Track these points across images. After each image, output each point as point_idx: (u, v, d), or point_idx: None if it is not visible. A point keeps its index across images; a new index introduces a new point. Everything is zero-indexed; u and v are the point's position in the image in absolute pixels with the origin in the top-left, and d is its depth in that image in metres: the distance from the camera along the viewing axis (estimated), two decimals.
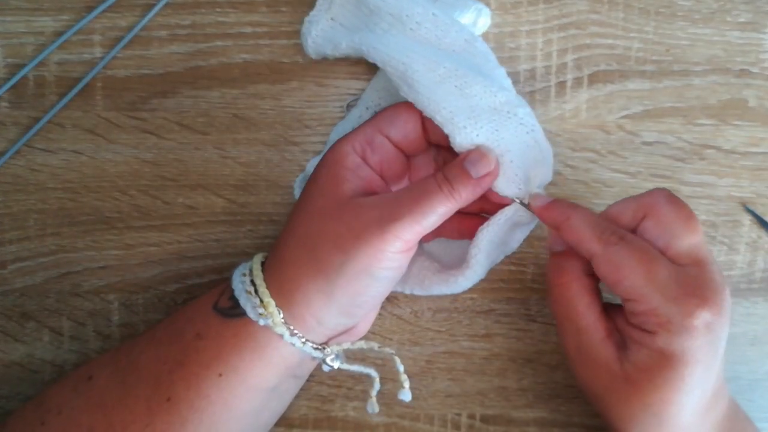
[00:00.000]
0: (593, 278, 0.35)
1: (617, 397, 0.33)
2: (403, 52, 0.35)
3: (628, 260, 0.32)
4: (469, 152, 0.35)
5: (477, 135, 0.35)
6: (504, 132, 0.35)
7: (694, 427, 0.34)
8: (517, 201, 0.36)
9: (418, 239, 0.34)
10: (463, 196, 0.34)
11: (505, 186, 0.36)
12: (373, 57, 0.36)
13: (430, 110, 0.35)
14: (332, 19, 0.39)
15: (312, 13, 0.40)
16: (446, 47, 0.36)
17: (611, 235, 0.33)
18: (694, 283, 0.32)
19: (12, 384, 0.43)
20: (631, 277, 0.32)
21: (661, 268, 0.32)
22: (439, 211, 0.33)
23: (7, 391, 0.43)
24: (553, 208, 0.35)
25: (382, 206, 0.33)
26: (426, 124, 0.37)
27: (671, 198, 0.34)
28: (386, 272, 0.34)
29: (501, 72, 0.37)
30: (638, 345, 0.33)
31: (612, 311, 0.35)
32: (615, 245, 0.33)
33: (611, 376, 0.33)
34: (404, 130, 0.37)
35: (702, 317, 0.31)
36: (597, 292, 0.35)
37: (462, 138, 0.35)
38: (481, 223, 0.37)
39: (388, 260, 0.33)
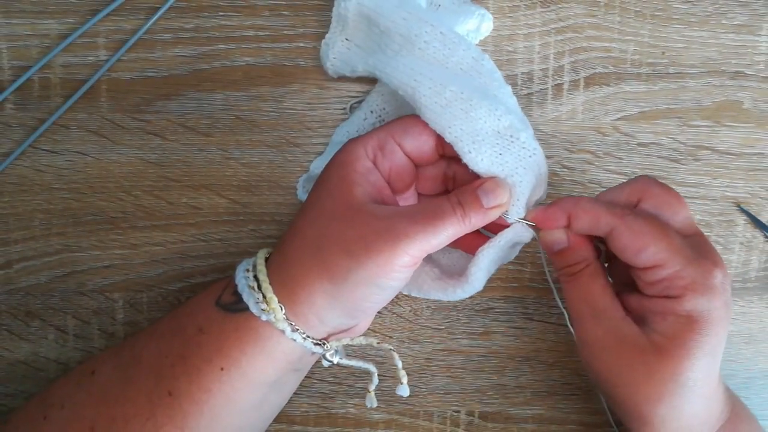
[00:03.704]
0: (601, 264, 0.36)
1: (646, 372, 0.33)
2: (411, 76, 0.36)
3: (648, 228, 0.33)
4: (485, 180, 0.35)
5: (481, 159, 0.35)
6: (507, 156, 0.36)
7: (714, 397, 0.35)
8: (519, 222, 0.36)
9: (425, 255, 0.34)
10: (473, 222, 0.34)
11: (509, 210, 0.36)
12: (386, 81, 0.37)
13: (438, 131, 0.36)
14: (347, 39, 0.40)
15: (328, 36, 0.40)
16: (454, 66, 0.37)
17: (622, 209, 0.34)
18: (702, 247, 0.34)
19: (17, 382, 0.43)
20: (655, 243, 0.33)
21: (676, 235, 0.34)
22: (448, 233, 0.34)
23: (12, 389, 0.43)
24: (556, 204, 0.36)
25: (396, 220, 0.33)
26: (441, 137, 0.37)
27: (658, 181, 0.36)
28: (392, 282, 0.34)
29: (507, 90, 0.37)
30: (662, 315, 0.33)
31: (620, 297, 0.36)
32: (630, 216, 0.34)
33: (638, 352, 0.33)
34: (418, 140, 0.37)
35: (718, 277, 0.33)
36: (607, 277, 0.36)
37: (467, 161, 0.35)
38: (478, 238, 0.38)
39: (395, 272, 0.33)
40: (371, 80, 0.42)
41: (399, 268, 0.33)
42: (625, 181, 0.36)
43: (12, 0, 0.41)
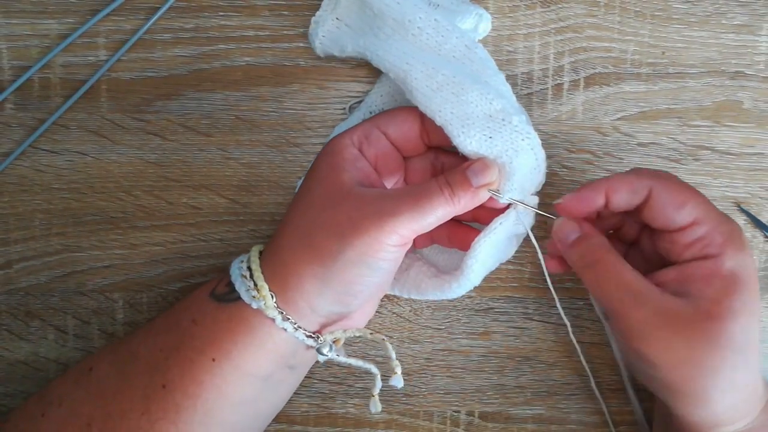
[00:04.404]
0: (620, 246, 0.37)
1: (702, 342, 0.32)
2: (404, 59, 0.36)
3: (684, 185, 0.35)
4: (473, 161, 0.36)
5: (470, 143, 0.36)
6: (498, 139, 0.36)
7: (757, 372, 0.34)
8: (513, 202, 0.37)
9: (415, 236, 0.35)
10: (462, 203, 0.35)
11: (501, 191, 0.36)
12: (377, 62, 0.37)
13: (429, 115, 0.36)
14: (337, 18, 0.40)
15: (318, 13, 0.40)
16: (446, 53, 0.37)
17: (654, 172, 0.35)
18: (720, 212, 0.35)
19: (17, 382, 0.43)
20: (693, 198, 0.34)
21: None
22: (437, 213, 0.34)
23: (12, 389, 0.43)
24: (586, 187, 0.35)
25: (383, 200, 0.34)
26: (427, 126, 0.37)
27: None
28: (382, 263, 0.34)
29: (500, 78, 0.37)
30: (706, 279, 0.33)
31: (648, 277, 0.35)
32: (663, 176, 0.35)
33: (690, 323, 0.32)
34: (401, 128, 0.38)
35: (744, 234, 0.34)
36: None
37: (456, 144, 0.36)
38: (472, 234, 0.38)
39: (385, 251, 0.34)
40: (371, 80, 0.42)
41: (387, 247, 0.34)
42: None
43: (12, 0, 0.42)
